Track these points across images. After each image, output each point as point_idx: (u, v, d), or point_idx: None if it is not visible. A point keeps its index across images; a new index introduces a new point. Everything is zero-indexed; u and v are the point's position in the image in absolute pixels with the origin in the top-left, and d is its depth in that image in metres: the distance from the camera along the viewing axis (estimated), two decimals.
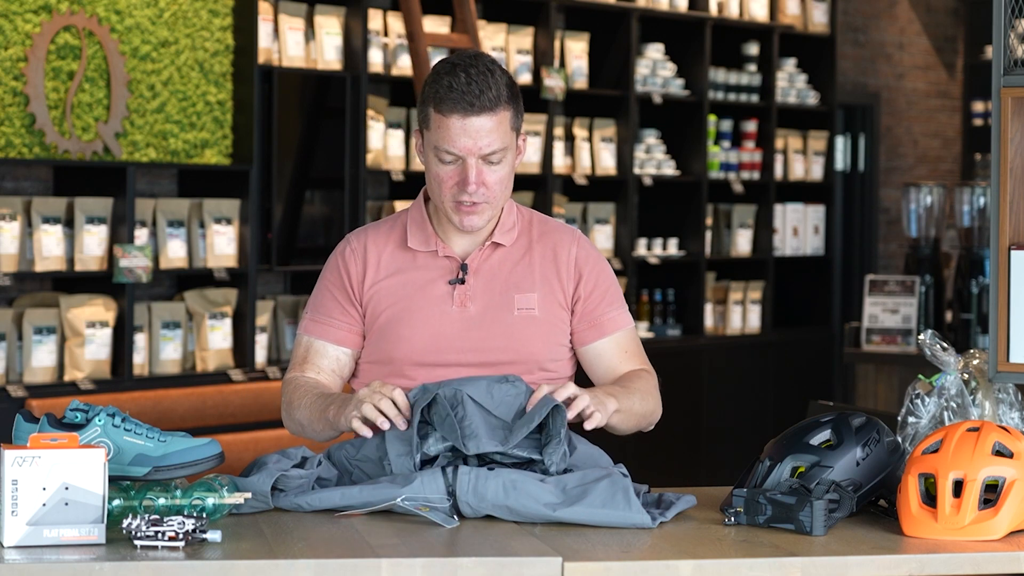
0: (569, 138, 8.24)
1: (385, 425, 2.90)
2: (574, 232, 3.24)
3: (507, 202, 3.19)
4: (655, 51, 8.61)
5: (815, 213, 9.56)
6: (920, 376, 3.28)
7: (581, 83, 8.25)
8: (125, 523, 2.57)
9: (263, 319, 6.82)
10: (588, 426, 2.96)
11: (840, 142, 10.72)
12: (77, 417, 2.73)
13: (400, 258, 3.18)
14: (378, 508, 2.83)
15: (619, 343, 3.20)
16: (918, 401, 3.24)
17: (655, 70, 8.58)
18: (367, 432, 2.93)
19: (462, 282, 3.14)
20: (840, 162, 10.71)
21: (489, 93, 3.03)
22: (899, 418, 3.26)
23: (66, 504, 2.56)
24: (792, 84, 9.42)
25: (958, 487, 2.79)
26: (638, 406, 3.12)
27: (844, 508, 2.82)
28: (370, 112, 7.16)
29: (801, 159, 9.51)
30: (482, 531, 2.75)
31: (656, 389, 3.20)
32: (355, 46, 7.08)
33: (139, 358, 6.37)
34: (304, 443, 3.54)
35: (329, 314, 3.19)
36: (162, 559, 2.50)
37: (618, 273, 8.28)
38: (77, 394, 6.01)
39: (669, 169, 8.66)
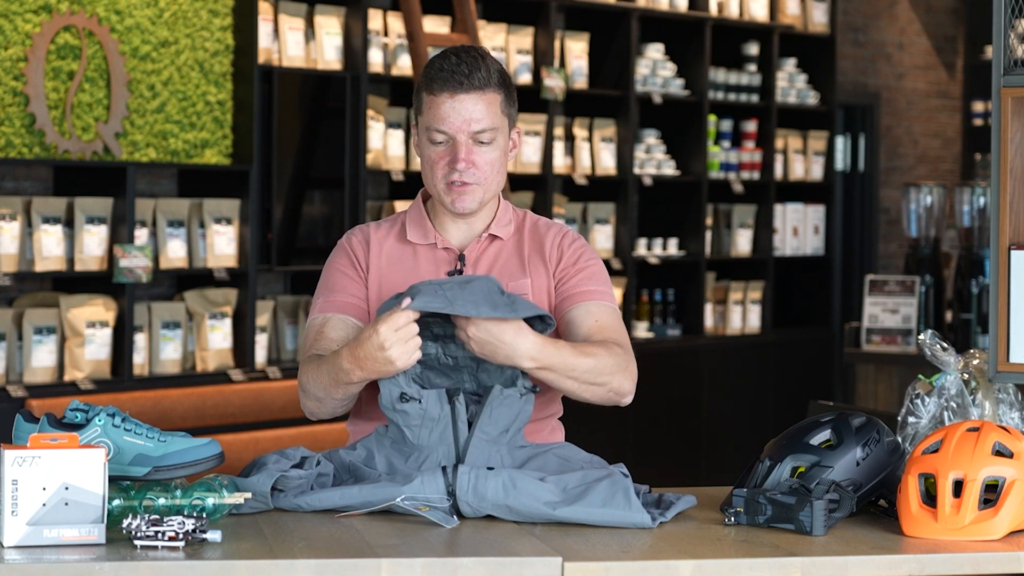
0: (569, 138, 8.23)
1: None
2: (563, 226, 3.28)
3: (502, 200, 3.23)
4: (655, 51, 8.61)
5: (815, 213, 9.56)
6: (920, 376, 3.27)
7: (581, 83, 8.25)
8: (125, 523, 2.57)
9: (263, 319, 6.82)
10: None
11: (840, 142, 10.71)
12: (77, 417, 2.73)
13: (400, 250, 3.22)
14: (378, 508, 2.83)
15: (590, 312, 3.14)
16: (918, 401, 3.24)
17: (655, 70, 8.57)
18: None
19: (460, 272, 3.17)
20: (840, 162, 10.71)
21: (479, 73, 3.10)
22: (899, 418, 3.25)
23: (66, 504, 2.56)
24: (792, 84, 9.42)
25: (958, 487, 2.78)
26: (584, 362, 3.00)
27: (844, 508, 2.82)
28: (370, 112, 7.15)
29: (801, 159, 9.50)
30: (482, 531, 2.75)
31: (622, 363, 3.06)
32: (355, 46, 7.08)
33: (139, 358, 6.36)
34: (302, 443, 3.54)
35: (345, 290, 3.19)
36: (162, 559, 2.50)
37: (618, 273, 8.28)
38: (77, 394, 6.01)
39: (669, 169, 8.66)
